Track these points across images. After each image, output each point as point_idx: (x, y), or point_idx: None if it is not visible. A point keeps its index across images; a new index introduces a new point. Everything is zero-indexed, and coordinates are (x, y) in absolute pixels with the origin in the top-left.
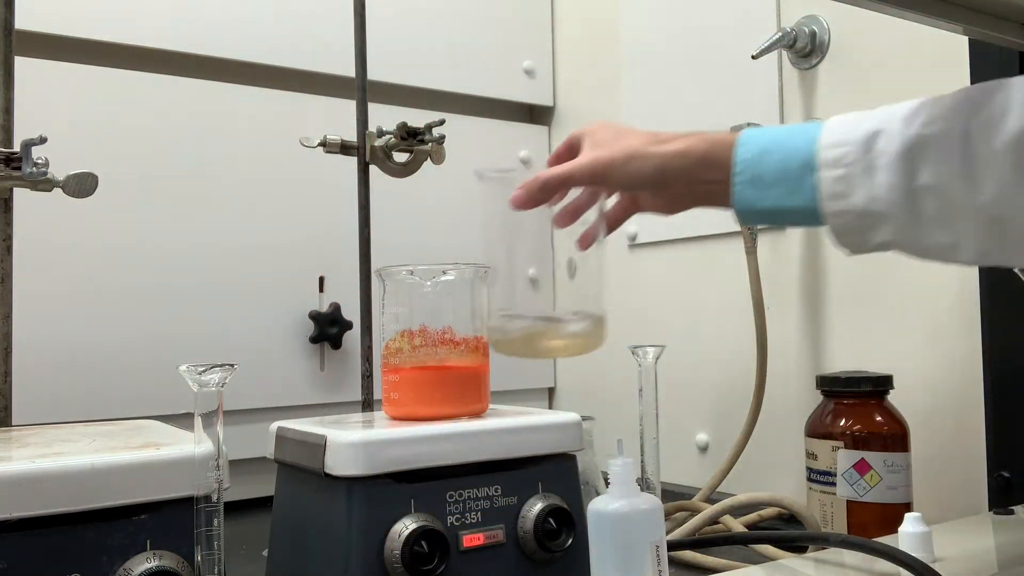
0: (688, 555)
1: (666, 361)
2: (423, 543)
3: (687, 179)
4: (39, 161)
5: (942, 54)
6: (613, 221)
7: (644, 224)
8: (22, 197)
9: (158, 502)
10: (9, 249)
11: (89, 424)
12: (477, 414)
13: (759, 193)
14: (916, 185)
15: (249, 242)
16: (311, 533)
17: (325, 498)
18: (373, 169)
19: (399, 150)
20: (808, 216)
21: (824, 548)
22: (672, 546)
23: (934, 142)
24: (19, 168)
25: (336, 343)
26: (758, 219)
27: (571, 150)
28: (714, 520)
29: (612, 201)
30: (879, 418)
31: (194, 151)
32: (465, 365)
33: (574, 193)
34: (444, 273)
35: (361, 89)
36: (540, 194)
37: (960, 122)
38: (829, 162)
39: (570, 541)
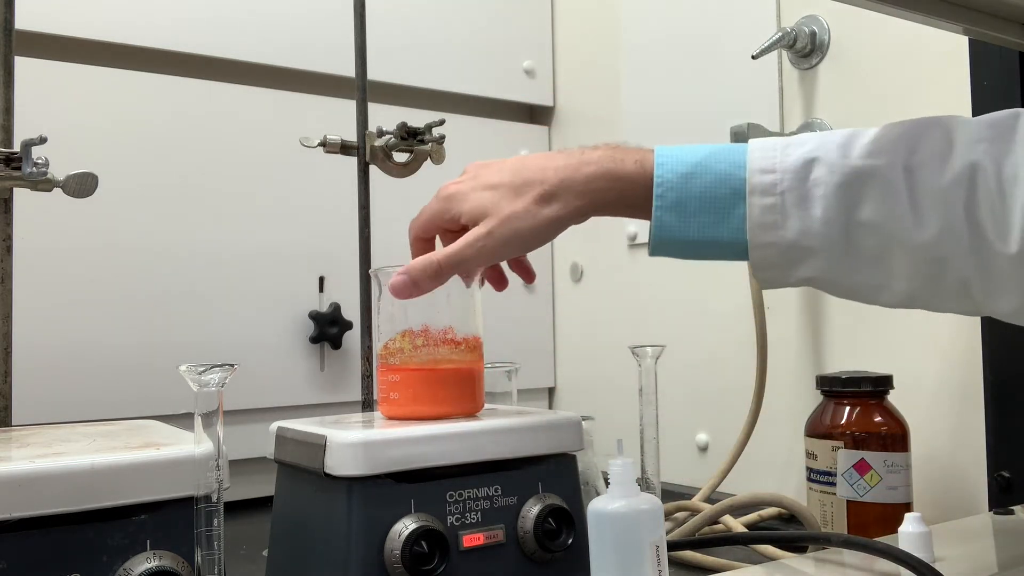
0: (688, 555)
1: (666, 361)
2: (423, 543)
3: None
4: (39, 161)
5: (942, 54)
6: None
7: (644, 224)
8: (22, 197)
9: (158, 502)
10: (9, 249)
11: (89, 424)
12: (472, 413)
13: (681, 222)
14: (856, 220)
15: (249, 242)
16: (311, 533)
17: (325, 498)
18: (373, 169)
19: (399, 150)
20: (730, 249)
21: (824, 548)
22: (672, 546)
23: (877, 175)
24: (19, 168)
25: (336, 343)
26: (675, 251)
27: (442, 216)
28: (714, 520)
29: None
30: (879, 418)
31: (194, 151)
32: (466, 365)
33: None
34: None
35: (361, 89)
36: (431, 283)
37: (901, 157)
38: (759, 189)
39: (570, 541)
